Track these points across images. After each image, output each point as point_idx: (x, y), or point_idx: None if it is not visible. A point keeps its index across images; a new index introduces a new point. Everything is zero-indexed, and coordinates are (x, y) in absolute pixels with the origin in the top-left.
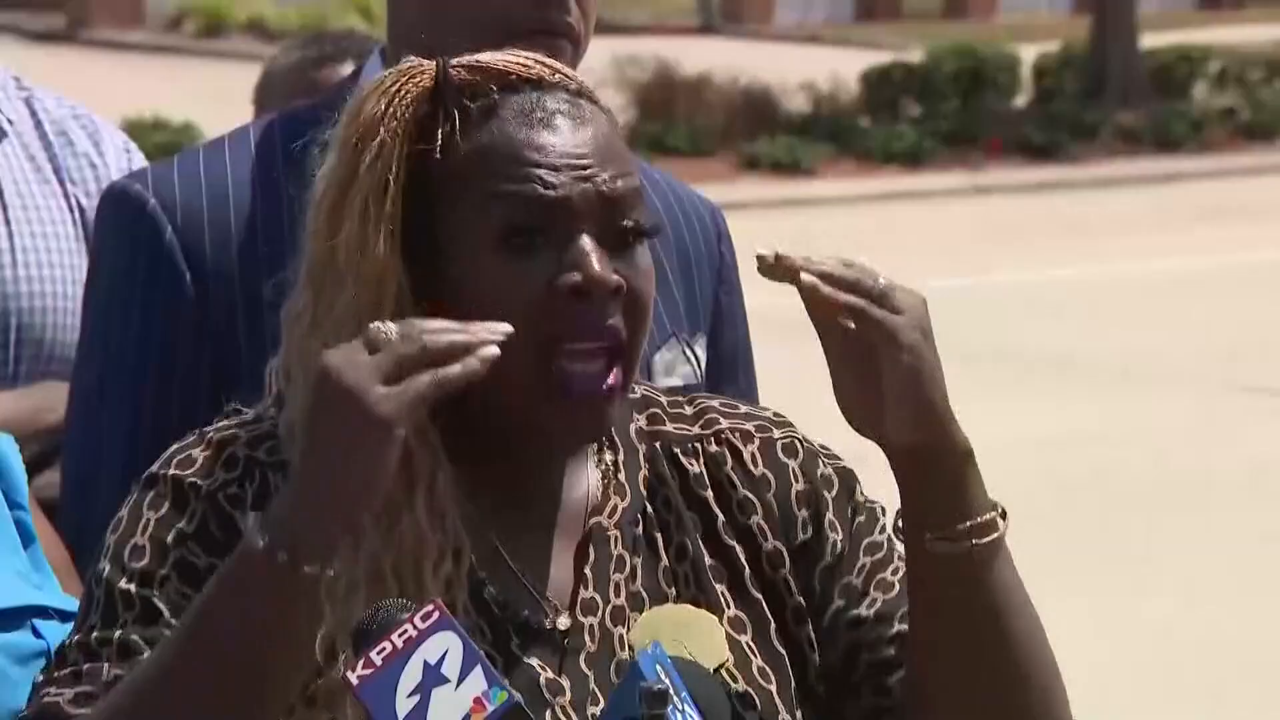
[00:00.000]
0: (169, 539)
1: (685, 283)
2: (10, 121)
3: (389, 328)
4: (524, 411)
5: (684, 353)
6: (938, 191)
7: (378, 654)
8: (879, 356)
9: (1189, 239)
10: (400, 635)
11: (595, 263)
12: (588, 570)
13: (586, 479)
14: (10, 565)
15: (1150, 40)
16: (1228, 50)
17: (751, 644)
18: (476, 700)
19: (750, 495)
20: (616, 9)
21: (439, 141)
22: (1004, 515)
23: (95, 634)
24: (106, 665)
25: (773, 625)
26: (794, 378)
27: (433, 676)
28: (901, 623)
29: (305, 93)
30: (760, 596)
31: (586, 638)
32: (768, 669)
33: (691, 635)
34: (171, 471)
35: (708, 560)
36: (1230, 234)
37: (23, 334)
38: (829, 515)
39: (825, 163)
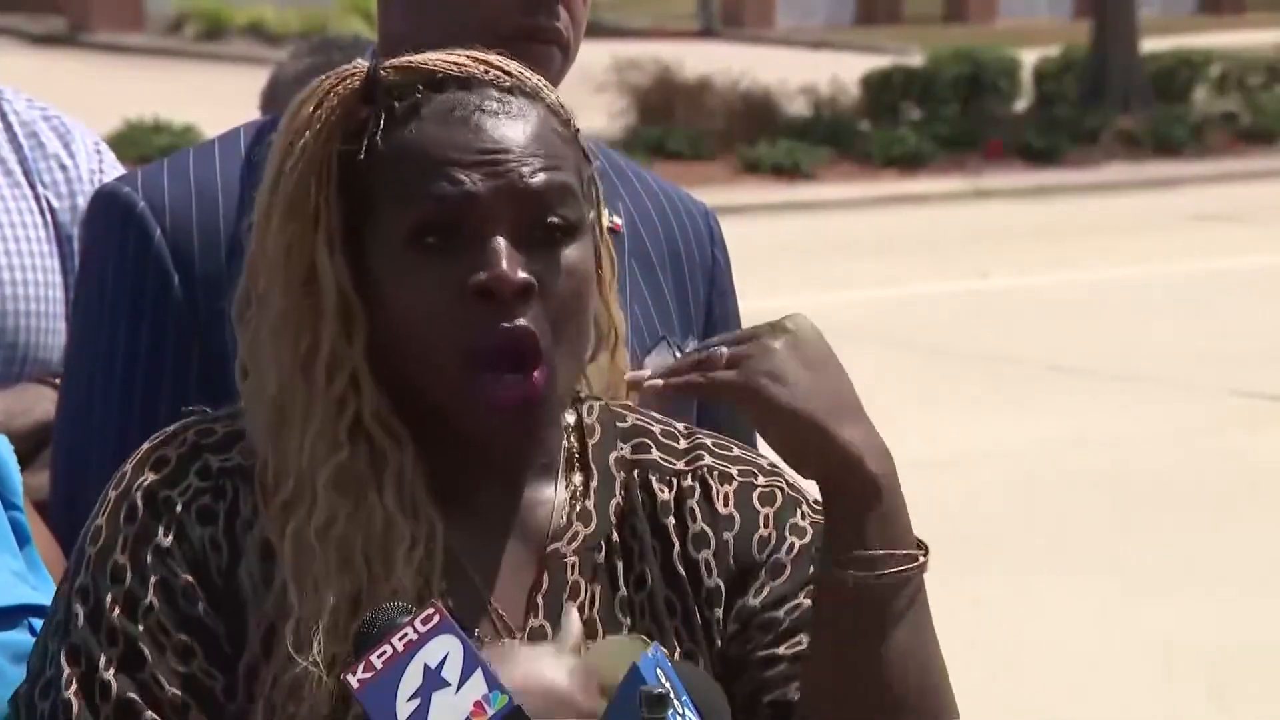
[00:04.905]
0: (148, 558)
1: (677, 285)
2: None
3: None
4: (455, 419)
5: (674, 356)
6: (938, 195)
7: (378, 657)
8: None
9: (1189, 243)
10: (401, 638)
11: (502, 261)
12: (539, 598)
13: (552, 501)
14: (6, 565)
15: (1151, 44)
16: (1228, 55)
17: None
18: (477, 704)
19: (707, 529)
20: (617, 12)
21: (364, 142)
22: (926, 552)
23: (99, 674)
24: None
25: (704, 662)
26: None
27: (433, 680)
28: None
29: None
30: (701, 631)
31: None
32: None
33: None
34: (147, 481)
35: (664, 593)
36: (1230, 238)
37: None
38: (785, 559)
39: (825, 166)
